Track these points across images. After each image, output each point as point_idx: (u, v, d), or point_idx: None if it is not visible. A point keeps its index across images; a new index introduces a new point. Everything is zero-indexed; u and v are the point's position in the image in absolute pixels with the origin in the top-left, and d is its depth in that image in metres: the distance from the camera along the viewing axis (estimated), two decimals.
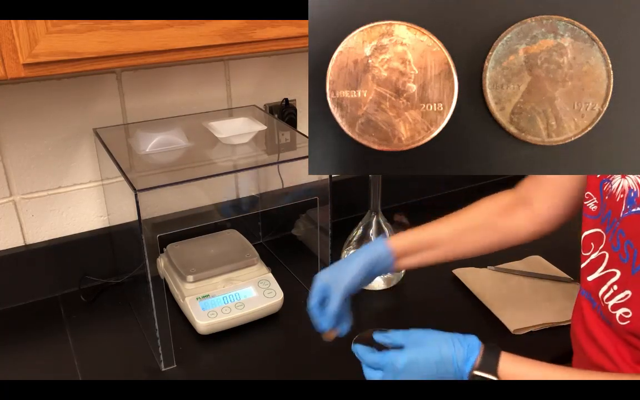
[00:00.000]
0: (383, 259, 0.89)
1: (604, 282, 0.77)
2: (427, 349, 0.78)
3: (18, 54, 0.73)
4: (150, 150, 1.02)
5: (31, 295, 1.14)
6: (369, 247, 0.89)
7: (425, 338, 0.79)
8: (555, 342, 1.01)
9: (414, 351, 0.78)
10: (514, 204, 0.93)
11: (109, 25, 0.77)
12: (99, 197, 1.18)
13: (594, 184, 0.80)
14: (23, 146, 1.08)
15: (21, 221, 1.12)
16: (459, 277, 1.18)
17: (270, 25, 0.88)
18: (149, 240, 0.87)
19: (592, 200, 0.81)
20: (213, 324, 1.01)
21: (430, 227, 0.93)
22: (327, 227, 1.04)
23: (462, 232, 0.93)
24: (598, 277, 0.78)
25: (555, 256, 1.24)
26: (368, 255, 0.88)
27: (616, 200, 0.75)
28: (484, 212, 0.93)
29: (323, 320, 0.88)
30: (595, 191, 0.80)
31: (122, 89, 1.12)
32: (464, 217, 0.93)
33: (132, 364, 0.98)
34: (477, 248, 0.93)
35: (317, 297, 0.87)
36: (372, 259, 0.88)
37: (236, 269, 1.10)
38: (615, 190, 0.76)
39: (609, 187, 0.77)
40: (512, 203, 0.93)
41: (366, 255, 0.88)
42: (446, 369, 0.77)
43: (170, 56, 0.84)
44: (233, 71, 1.22)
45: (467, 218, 0.93)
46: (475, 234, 0.93)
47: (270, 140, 1.15)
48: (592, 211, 0.80)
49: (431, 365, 0.77)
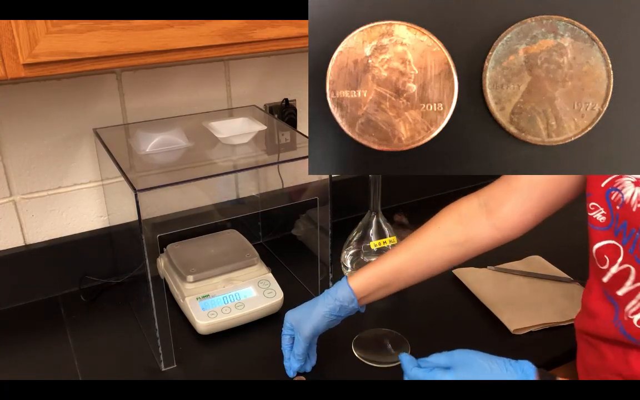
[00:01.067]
0: (347, 304, 0.90)
1: (632, 296, 0.74)
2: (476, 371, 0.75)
3: (18, 54, 0.73)
4: (150, 150, 1.02)
5: (31, 295, 1.14)
6: (331, 296, 0.89)
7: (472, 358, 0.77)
8: (555, 342, 1.01)
9: (462, 372, 0.76)
10: (476, 212, 0.90)
11: (109, 25, 0.77)
12: (99, 197, 1.18)
13: (599, 193, 0.76)
14: (23, 146, 1.08)
15: (21, 221, 1.12)
16: (459, 277, 1.18)
17: (270, 25, 0.88)
18: (149, 240, 0.87)
19: (599, 211, 0.77)
20: (213, 324, 1.01)
21: (390, 257, 0.91)
22: (327, 227, 1.04)
23: (421, 254, 0.90)
24: (628, 292, 0.74)
25: (556, 256, 1.24)
26: (330, 304, 0.89)
27: (632, 211, 0.71)
28: (442, 228, 0.90)
29: (293, 362, 0.92)
30: (602, 201, 0.76)
31: (122, 89, 1.12)
32: (421, 237, 0.91)
33: (132, 364, 0.98)
34: (439, 266, 0.91)
35: (287, 337, 0.92)
36: (335, 307, 0.89)
37: (236, 269, 1.10)
38: (629, 200, 0.72)
39: (618, 196, 0.74)
40: (474, 212, 0.90)
41: (328, 305, 0.89)
42: None
43: (170, 56, 0.84)
44: (233, 71, 1.22)
45: (424, 238, 0.91)
46: (435, 253, 0.90)
47: (270, 140, 1.15)
48: (601, 222, 0.76)
49: None
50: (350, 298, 0.89)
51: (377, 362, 0.97)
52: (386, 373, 0.95)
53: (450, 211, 0.92)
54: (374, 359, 0.97)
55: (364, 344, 1.01)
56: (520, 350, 0.99)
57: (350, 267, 1.18)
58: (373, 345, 1.00)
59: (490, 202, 0.89)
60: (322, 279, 1.09)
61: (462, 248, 0.90)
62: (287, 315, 0.92)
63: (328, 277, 1.07)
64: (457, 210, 0.91)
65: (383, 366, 0.96)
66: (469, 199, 0.92)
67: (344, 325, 1.07)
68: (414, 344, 1.00)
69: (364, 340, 1.02)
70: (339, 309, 0.89)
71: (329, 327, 0.91)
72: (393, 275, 0.91)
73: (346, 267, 1.19)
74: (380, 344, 1.01)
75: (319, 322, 0.89)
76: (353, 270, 1.17)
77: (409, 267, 0.91)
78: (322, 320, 0.89)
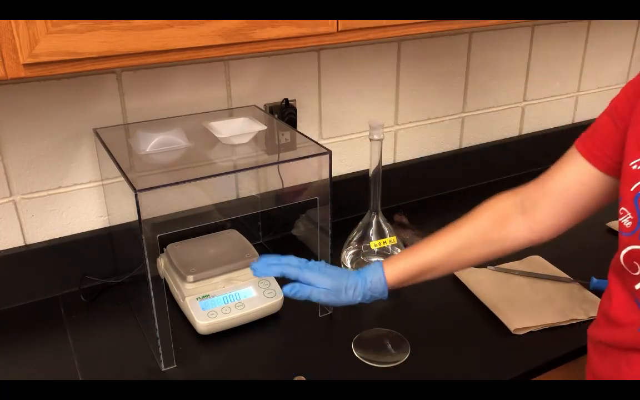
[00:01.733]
0: (378, 295, 0.91)
1: None
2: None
3: (18, 54, 0.73)
4: (150, 150, 1.02)
5: (31, 295, 1.14)
6: (364, 286, 0.90)
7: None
8: (555, 342, 1.01)
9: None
10: (512, 211, 0.90)
11: (109, 25, 0.77)
12: (99, 197, 1.18)
13: (628, 198, 0.73)
14: (23, 146, 1.08)
15: (21, 221, 1.12)
16: (459, 277, 1.18)
17: (270, 25, 0.88)
18: (149, 240, 0.87)
19: (627, 216, 0.73)
20: (213, 324, 1.01)
21: (425, 249, 0.91)
22: (327, 227, 1.04)
23: (457, 251, 0.91)
24: None
25: (556, 256, 1.24)
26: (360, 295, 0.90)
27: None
28: (480, 226, 0.90)
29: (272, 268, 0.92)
30: (630, 205, 0.73)
31: (122, 89, 1.12)
32: (458, 233, 0.91)
33: (132, 364, 0.98)
34: (473, 262, 0.92)
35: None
36: (365, 296, 0.90)
37: (236, 269, 1.10)
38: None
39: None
40: (510, 211, 0.90)
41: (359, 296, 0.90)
42: None
43: (170, 56, 0.84)
44: (233, 71, 1.22)
45: (461, 234, 0.91)
46: (471, 250, 0.90)
47: (270, 140, 1.15)
48: (627, 228, 0.73)
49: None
50: (382, 290, 0.90)
51: (377, 362, 0.97)
52: (386, 373, 0.95)
53: (486, 208, 0.91)
54: (374, 359, 0.97)
55: (364, 344, 1.01)
56: (521, 350, 0.99)
57: (350, 267, 1.18)
58: (373, 345, 1.00)
59: (526, 202, 0.89)
60: None
61: (496, 246, 0.90)
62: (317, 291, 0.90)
63: None
64: (494, 208, 0.91)
65: (383, 366, 0.96)
66: (506, 196, 0.92)
67: (344, 325, 1.07)
68: (414, 344, 1.00)
69: (364, 340, 1.02)
70: (368, 297, 0.91)
71: None
72: (426, 269, 0.91)
73: (346, 267, 1.19)
74: (380, 344, 1.01)
75: (342, 303, 0.91)
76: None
77: (443, 263, 0.91)
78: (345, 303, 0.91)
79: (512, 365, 0.95)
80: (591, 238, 1.34)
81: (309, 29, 0.91)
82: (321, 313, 1.09)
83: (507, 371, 0.95)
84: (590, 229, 1.39)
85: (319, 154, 1.00)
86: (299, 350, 1.01)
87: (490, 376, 0.94)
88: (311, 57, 1.29)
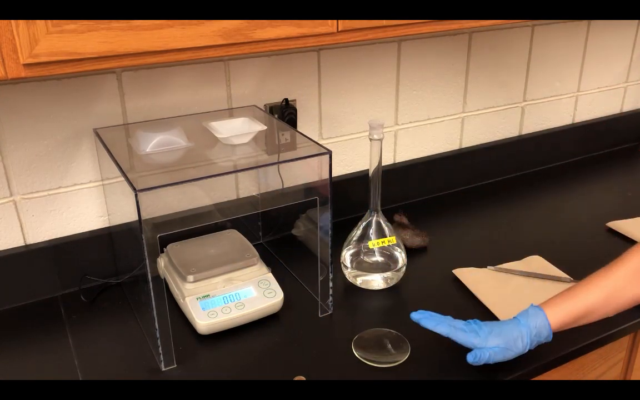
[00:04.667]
0: (543, 340, 0.92)
1: None
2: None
3: (18, 54, 0.73)
4: (150, 150, 1.02)
5: (31, 295, 1.14)
6: (531, 335, 0.91)
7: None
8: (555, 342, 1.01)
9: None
10: None
11: (109, 25, 0.77)
12: (99, 197, 1.18)
13: None
14: (23, 146, 1.08)
15: (21, 221, 1.12)
16: (459, 277, 1.18)
17: (270, 25, 0.88)
18: (149, 240, 0.87)
19: None
20: (213, 324, 1.01)
21: (583, 294, 0.92)
22: (327, 227, 1.04)
23: (611, 294, 0.92)
24: None
25: (555, 256, 1.24)
26: (529, 345, 0.91)
27: None
28: (632, 267, 0.91)
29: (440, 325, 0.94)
30: None
31: (122, 89, 1.12)
32: (612, 276, 0.92)
33: (132, 364, 0.98)
34: (626, 306, 0.93)
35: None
36: (532, 345, 0.92)
37: (236, 269, 1.10)
38: None
39: None
40: None
41: (528, 345, 0.91)
42: None
43: (171, 56, 0.84)
44: (233, 71, 1.22)
45: (615, 278, 0.92)
46: (625, 293, 0.92)
47: (270, 140, 1.15)
48: None
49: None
50: (547, 335, 0.91)
51: (377, 362, 0.97)
52: (386, 373, 0.95)
53: (638, 250, 0.93)
54: (374, 359, 0.97)
55: (364, 344, 1.01)
56: None
57: (350, 266, 1.18)
58: (373, 345, 1.00)
59: None
60: (322, 279, 1.09)
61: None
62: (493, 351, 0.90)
63: (328, 277, 1.07)
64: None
65: (383, 366, 0.96)
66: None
67: (344, 325, 1.07)
68: (414, 344, 1.00)
69: (364, 340, 1.02)
70: (535, 344, 0.92)
71: None
72: (584, 314, 0.92)
73: (346, 267, 1.19)
74: (380, 344, 1.01)
75: (514, 356, 0.91)
76: (353, 270, 1.17)
77: (599, 307, 0.92)
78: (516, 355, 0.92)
79: (512, 365, 0.95)
80: (591, 238, 1.34)
81: (309, 29, 0.91)
82: (321, 313, 1.09)
83: (507, 371, 0.95)
84: (591, 229, 1.39)
85: (319, 154, 1.00)
86: (299, 350, 1.01)
87: (490, 376, 0.94)
88: (311, 57, 1.29)
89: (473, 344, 0.90)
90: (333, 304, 1.10)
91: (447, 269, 1.21)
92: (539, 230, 1.39)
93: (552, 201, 1.54)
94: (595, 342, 1.02)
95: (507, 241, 1.34)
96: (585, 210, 1.48)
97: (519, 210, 1.49)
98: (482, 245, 1.33)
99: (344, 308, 1.12)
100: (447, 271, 1.21)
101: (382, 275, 1.16)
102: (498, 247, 1.31)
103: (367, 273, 1.17)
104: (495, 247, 1.30)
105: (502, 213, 1.48)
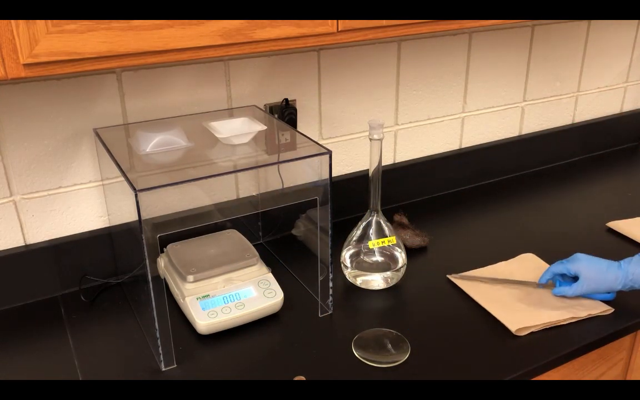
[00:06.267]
0: (638, 286, 1.01)
1: None
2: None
3: (18, 54, 0.73)
4: (151, 150, 1.02)
5: (31, 295, 1.14)
6: (625, 278, 1.01)
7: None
8: (555, 342, 1.01)
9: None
10: None
11: (109, 25, 0.77)
12: (99, 197, 1.18)
13: None
14: (23, 146, 1.08)
15: (21, 221, 1.12)
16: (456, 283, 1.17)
17: (270, 25, 0.88)
18: (149, 240, 0.87)
19: None
20: (213, 324, 1.01)
21: None
22: (327, 227, 1.04)
23: None
24: None
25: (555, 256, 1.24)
26: (621, 285, 1.02)
27: None
28: None
29: None
30: None
31: (122, 89, 1.12)
32: None
33: (132, 364, 0.98)
34: None
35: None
36: (625, 286, 1.02)
37: (236, 269, 1.10)
38: None
39: None
40: None
41: (620, 285, 1.02)
42: None
43: (170, 56, 0.84)
44: (233, 71, 1.22)
45: None
46: None
47: (270, 140, 1.15)
48: None
49: None
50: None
51: (377, 362, 0.97)
52: (386, 373, 0.95)
53: None
54: (374, 359, 0.97)
55: (364, 344, 1.01)
56: (522, 351, 0.99)
57: (350, 266, 1.18)
58: (373, 345, 1.00)
59: None
60: (322, 279, 1.09)
61: None
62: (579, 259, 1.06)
63: (328, 277, 1.07)
64: None
65: (383, 366, 0.96)
66: None
67: (344, 325, 1.07)
68: (414, 344, 1.00)
69: (364, 340, 1.02)
70: (627, 288, 1.01)
71: None
72: None
73: (346, 267, 1.19)
74: (380, 344, 1.01)
75: (600, 289, 1.03)
76: (353, 270, 1.17)
77: None
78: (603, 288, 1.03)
79: (511, 365, 0.95)
80: (591, 238, 1.34)
81: (309, 29, 0.91)
82: (321, 313, 1.09)
83: (507, 371, 0.95)
84: (590, 229, 1.39)
85: (319, 154, 1.00)
86: (299, 350, 1.01)
87: (490, 376, 0.94)
88: (311, 57, 1.30)
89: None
90: (333, 304, 1.10)
91: (447, 269, 1.21)
92: (539, 230, 1.39)
93: (552, 201, 1.54)
94: (595, 342, 1.02)
95: (507, 241, 1.34)
96: (585, 210, 1.48)
97: (518, 210, 1.49)
98: (482, 245, 1.33)
99: (344, 308, 1.12)
100: (447, 271, 1.21)
101: (382, 275, 1.16)
102: (498, 247, 1.31)
103: (367, 273, 1.17)
104: (495, 247, 1.30)
105: (502, 213, 1.48)
